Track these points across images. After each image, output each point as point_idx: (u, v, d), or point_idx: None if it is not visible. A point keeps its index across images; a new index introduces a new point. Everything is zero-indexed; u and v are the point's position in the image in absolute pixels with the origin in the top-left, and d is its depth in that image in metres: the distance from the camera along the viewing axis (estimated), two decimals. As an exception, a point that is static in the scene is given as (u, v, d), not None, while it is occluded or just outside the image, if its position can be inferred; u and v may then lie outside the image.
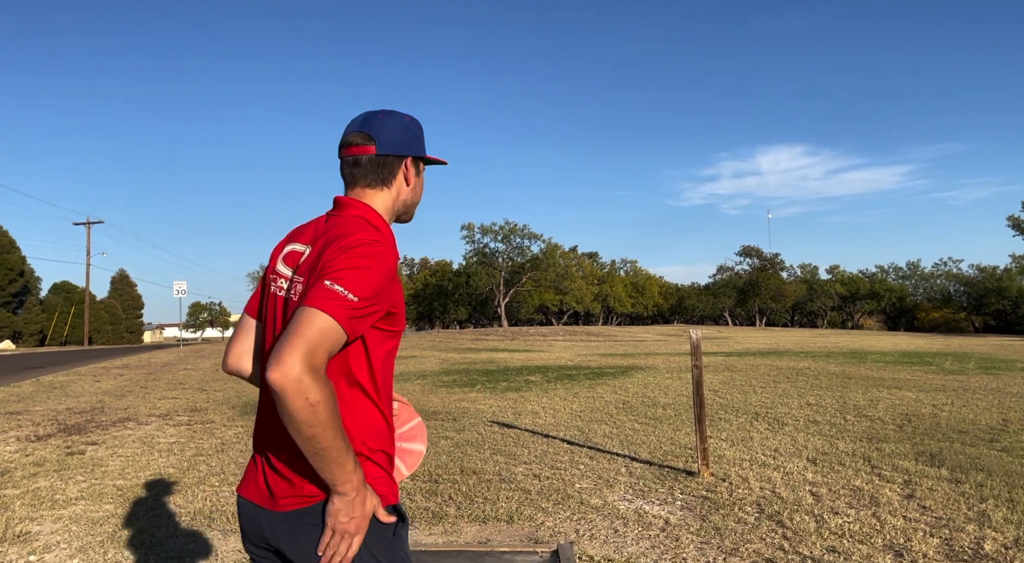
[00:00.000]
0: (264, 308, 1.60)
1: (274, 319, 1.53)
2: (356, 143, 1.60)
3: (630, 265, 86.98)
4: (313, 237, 1.53)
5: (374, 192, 1.62)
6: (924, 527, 4.27)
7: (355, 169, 1.60)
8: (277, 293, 1.53)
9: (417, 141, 1.65)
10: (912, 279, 78.49)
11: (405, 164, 1.63)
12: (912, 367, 15.27)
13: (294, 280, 1.49)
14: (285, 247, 1.58)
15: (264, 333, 1.58)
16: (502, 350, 24.89)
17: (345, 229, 1.47)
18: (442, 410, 9.61)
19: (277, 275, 1.55)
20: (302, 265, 1.48)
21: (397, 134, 1.61)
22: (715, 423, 8.02)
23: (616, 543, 4.11)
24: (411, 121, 1.65)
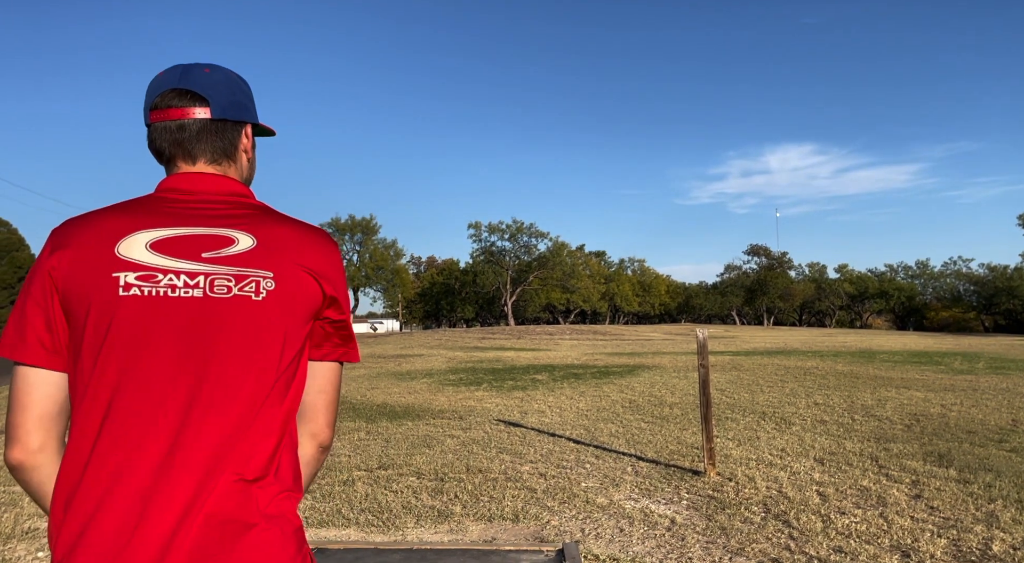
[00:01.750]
0: (120, 324, 1.10)
1: (174, 328, 1.11)
2: (181, 104, 1.22)
3: (637, 264, 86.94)
4: (231, 223, 1.18)
5: (223, 171, 1.28)
6: (932, 528, 4.24)
7: (185, 138, 1.23)
8: (166, 293, 1.11)
9: (251, 104, 1.34)
10: (921, 278, 78.15)
11: (245, 132, 1.31)
12: (921, 367, 15.19)
13: (222, 274, 1.13)
14: (136, 234, 1.14)
15: (144, 352, 1.10)
16: (509, 349, 24.91)
17: (303, 227, 1.24)
18: (448, 409, 9.62)
19: (148, 269, 1.12)
20: (241, 257, 1.15)
21: (231, 94, 1.27)
22: (722, 422, 8.00)
23: (622, 542, 4.11)
24: (239, 78, 1.32)
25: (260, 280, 1.14)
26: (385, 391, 11.87)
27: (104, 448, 1.06)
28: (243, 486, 1.09)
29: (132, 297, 1.11)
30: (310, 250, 1.20)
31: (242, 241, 1.16)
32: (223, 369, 1.11)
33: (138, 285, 1.11)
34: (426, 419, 8.66)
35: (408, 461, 6.19)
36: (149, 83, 1.26)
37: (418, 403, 10.25)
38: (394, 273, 70.95)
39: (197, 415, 1.08)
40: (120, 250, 1.13)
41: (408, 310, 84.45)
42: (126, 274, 1.12)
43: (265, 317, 1.14)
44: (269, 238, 1.18)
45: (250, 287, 1.14)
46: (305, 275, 1.18)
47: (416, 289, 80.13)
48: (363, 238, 70.22)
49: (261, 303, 1.14)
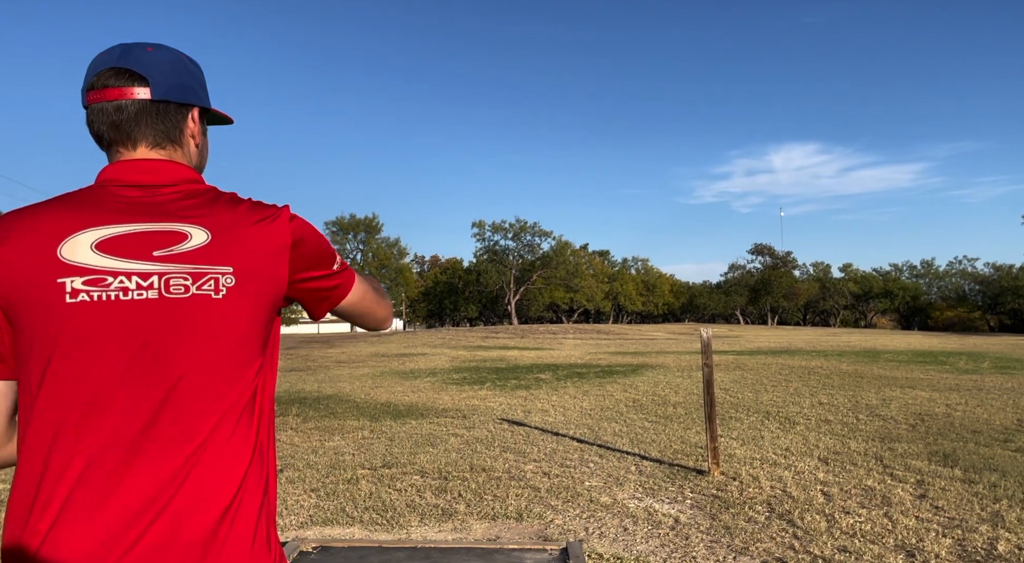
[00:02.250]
0: (65, 328, 1.03)
1: (129, 333, 1.04)
2: (118, 84, 1.13)
3: (641, 263, 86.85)
4: (181, 215, 1.10)
5: (168, 155, 1.18)
6: (937, 527, 4.24)
7: (123, 120, 1.14)
8: (118, 297, 1.03)
9: (202, 87, 1.25)
10: (926, 278, 77.97)
11: (192, 116, 1.21)
12: (926, 366, 15.15)
13: (178, 272, 1.06)
14: (79, 234, 1.05)
15: (97, 358, 1.03)
16: (512, 348, 24.92)
17: (254, 208, 1.16)
18: (452, 408, 9.63)
19: (96, 273, 1.03)
20: (196, 253, 1.07)
21: (175, 75, 1.18)
22: (726, 422, 8.00)
23: (626, 541, 4.11)
24: (189, 59, 1.23)
25: (219, 277, 1.07)
26: (389, 390, 11.88)
27: (58, 466, 1.00)
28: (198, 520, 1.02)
29: (81, 304, 1.02)
30: (265, 232, 1.12)
31: (195, 236, 1.08)
32: (187, 373, 1.04)
33: (86, 291, 1.03)
34: (430, 418, 8.67)
35: (412, 460, 6.20)
36: (89, 63, 1.17)
37: (422, 402, 10.26)
38: (398, 272, 71.02)
39: (163, 424, 1.03)
40: (63, 253, 1.04)
41: (412, 309, 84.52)
42: (72, 279, 1.03)
43: (227, 315, 1.07)
44: (222, 229, 1.10)
45: (209, 285, 1.06)
46: (267, 258, 1.11)
47: (419, 288, 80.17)
48: (366, 237, 70.34)
49: (222, 301, 1.06)
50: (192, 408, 1.04)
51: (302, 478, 5.59)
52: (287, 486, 5.37)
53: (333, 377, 14.43)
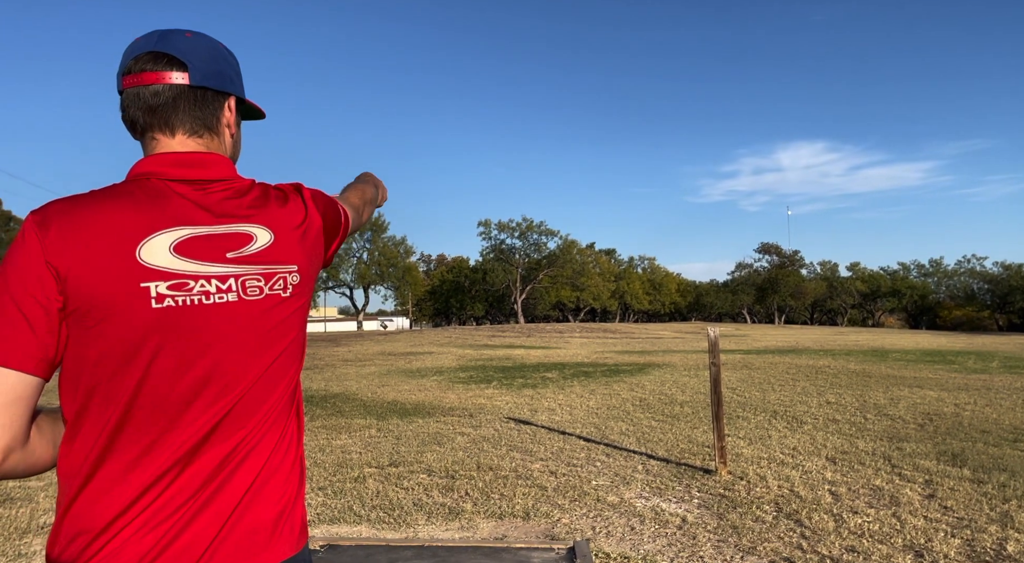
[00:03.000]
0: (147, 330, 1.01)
1: (215, 338, 1.05)
2: (156, 68, 1.10)
3: (648, 262, 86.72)
4: (244, 215, 1.11)
5: (205, 145, 1.16)
6: (945, 527, 4.22)
7: (160, 105, 1.11)
8: (200, 301, 1.04)
9: (238, 77, 1.23)
10: (935, 277, 77.56)
11: (229, 105, 1.19)
12: (934, 366, 15.07)
13: (252, 274, 1.08)
14: (156, 235, 1.03)
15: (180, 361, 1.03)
16: (519, 347, 24.92)
17: (289, 195, 1.22)
18: (459, 406, 9.64)
19: (178, 277, 1.03)
20: (264, 253, 1.10)
21: (213, 62, 1.16)
22: (733, 421, 7.98)
23: (633, 540, 4.10)
24: (226, 49, 1.21)
25: (287, 275, 1.12)
26: (395, 388, 11.90)
27: (125, 469, 1.01)
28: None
29: (167, 309, 1.01)
30: (307, 222, 1.20)
31: (260, 236, 1.10)
32: (263, 372, 1.09)
33: (171, 295, 1.02)
34: (436, 417, 8.68)
35: (419, 458, 6.21)
36: (125, 49, 1.14)
37: (428, 401, 10.28)
38: (404, 271, 71.10)
39: (231, 421, 1.07)
40: (143, 255, 1.01)
41: (418, 308, 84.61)
42: (156, 284, 1.01)
43: (293, 312, 1.14)
44: (280, 226, 1.14)
45: (279, 284, 1.11)
46: (312, 242, 1.20)
47: (426, 287, 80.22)
48: (372, 235, 70.38)
49: (289, 299, 1.12)
50: (261, 403, 1.09)
51: (309, 476, 5.61)
52: (295, 484, 5.38)
53: (340, 375, 14.46)
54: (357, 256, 70.61)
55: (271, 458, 1.10)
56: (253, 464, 1.07)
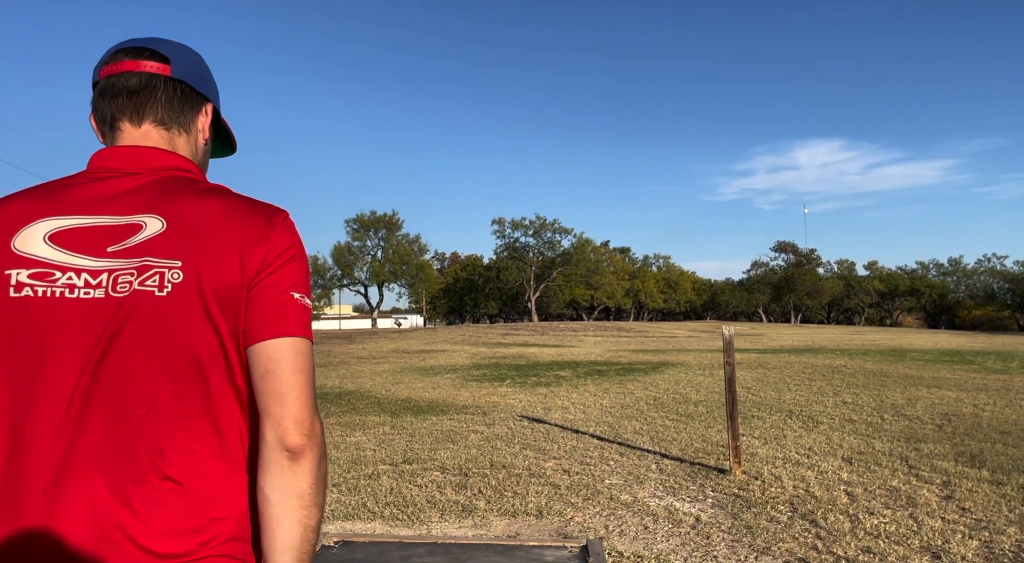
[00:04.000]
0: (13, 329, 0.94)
1: (71, 336, 0.94)
2: (136, 58, 1.06)
3: (662, 260, 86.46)
4: (145, 204, 0.99)
5: (170, 138, 1.08)
6: (963, 529, 4.17)
7: (135, 88, 1.05)
8: (63, 294, 0.95)
9: (216, 90, 1.18)
10: (954, 276, 76.70)
11: (206, 109, 1.13)
12: (953, 366, 14.90)
13: (126, 268, 0.95)
14: (36, 223, 0.97)
15: (33, 364, 0.93)
16: (532, 345, 24.92)
17: (235, 200, 1.03)
18: (472, 404, 9.65)
19: (44, 266, 0.95)
20: (145, 244, 0.97)
21: (196, 66, 1.12)
22: (748, 421, 7.93)
23: (646, 539, 4.09)
24: (206, 64, 1.17)
25: (165, 271, 0.95)
26: (409, 386, 11.94)
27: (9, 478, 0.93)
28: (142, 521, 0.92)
29: (24, 299, 0.93)
30: (238, 225, 0.98)
31: (149, 225, 0.97)
32: (125, 381, 0.93)
33: (31, 285, 0.94)
34: (450, 414, 8.70)
35: (432, 456, 6.23)
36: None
37: (442, 398, 10.30)
38: (418, 269, 71.32)
39: (93, 433, 0.92)
40: (16, 243, 0.96)
41: (432, 306, 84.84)
42: (19, 272, 0.94)
43: (170, 314, 0.94)
44: (183, 218, 0.98)
45: (153, 280, 0.94)
46: (226, 256, 0.96)
47: (440, 285, 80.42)
48: (386, 234, 70.68)
49: (165, 298, 0.94)
50: (127, 417, 0.93)
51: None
52: (309, 481, 5.42)
53: (354, 373, 14.54)
54: (371, 254, 70.94)
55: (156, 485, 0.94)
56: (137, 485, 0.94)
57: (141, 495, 0.92)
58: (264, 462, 0.96)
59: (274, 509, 0.95)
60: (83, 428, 0.92)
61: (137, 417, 0.93)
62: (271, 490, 0.95)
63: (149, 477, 0.93)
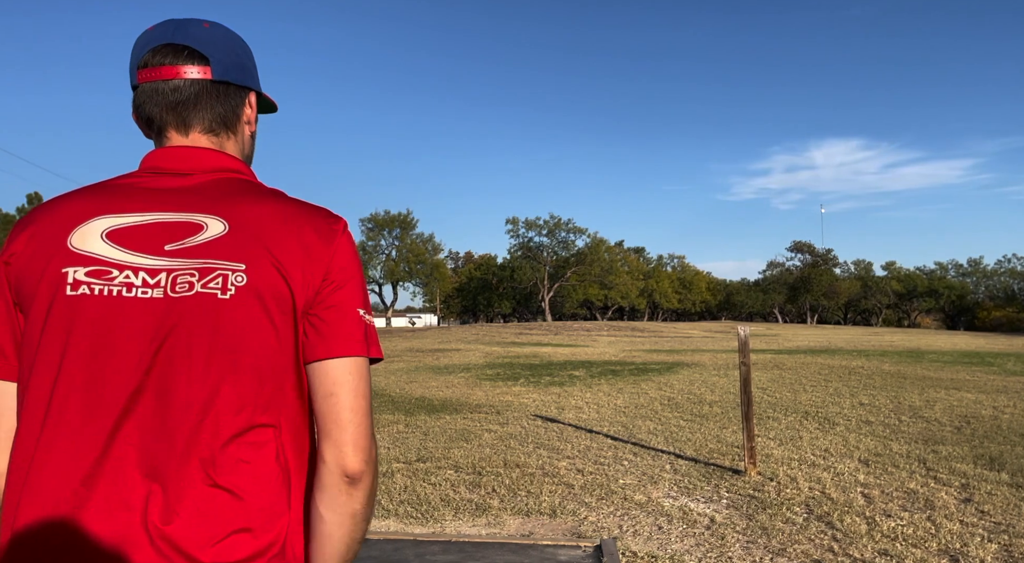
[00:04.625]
0: (64, 329, 0.93)
1: (129, 336, 0.92)
2: (176, 62, 1.03)
3: (677, 260, 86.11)
4: (203, 205, 0.98)
5: (219, 143, 1.08)
6: (982, 532, 4.12)
7: (180, 101, 1.03)
8: (120, 293, 0.93)
9: (255, 68, 1.15)
10: (973, 276, 75.82)
11: (249, 101, 1.12)
12: (972, 367, 14.72)
13: (186, 269, 0.94)
14: (93, 221, 0.96)
15: (92, 363, 0.92)
16: (546, 344, 24.90)
17: (294, 205, 1.02)
18: (486, 403, 9.67)
19: (102, 263, 0.94)
20: (208, 246, 0.95)
21: (234, 54, 1.08)
22: (763, 421, 7.88)
23: (660, 540, 4.08)
24: (242, 40, 1.13)
25: (228, 273, 0.93)
26: (423, 385, 11.98)
27: (38, 474, 0.91)
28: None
29: (81, 297, 0.92)
30: (298, 231, 0.98)
31: (210, 226, 0.96)
32: (181, 384, 0.91)
33: (88, 283, 0.93)
34: (464, 413, 8.72)
35: (446, 454, 6.24)
36: (136, 39, 1.05)
37: (456, 397, 10.33)
38: (433, 268, 71.50)
39: (141, 436, 0.91)
40: (73, 241, 0.95)
41: (446, 305, 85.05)
42: (76, 269, 0.93)
43: (233, 318, 0.93)
44: (244, 221, 0.97)
45: (216, 283, 0.93)
46: (289, 261, 0.96)
47: (454, 284, 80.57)
48: (401, 233, 70.91)
49: (228, 302, 0.92)
50: (186, 422, 0.91)
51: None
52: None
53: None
54: (386, 253, 71.21)
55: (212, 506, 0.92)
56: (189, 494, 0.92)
57: (188, 501, 0.90)
58: (321, 483, 0.96)
59: (327, 527, 0.96)
60: (132, 427, 0.91)
61: (190, 421, 0.91)
62: (326, 510, 0.96)
63: (197, 483, 0.90)
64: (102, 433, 0.90)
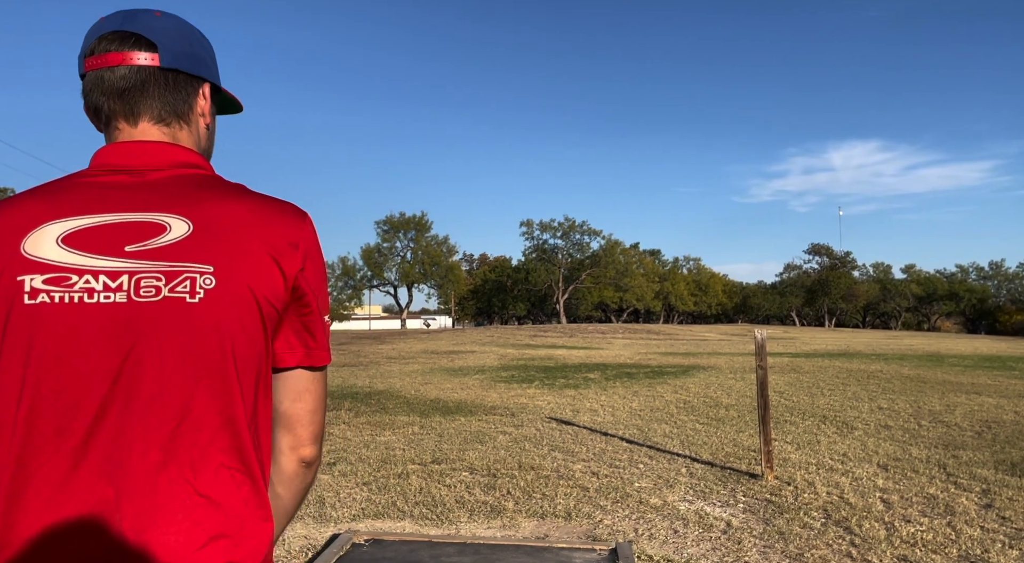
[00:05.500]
0: (27, 335, 0.89)
1: (93, 344, 0.89)
2: (122, 48, 0.99)
3: (693, 262, 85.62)
4: (164, 204, 0.95)
5: (172, 134, 1.03)
6: (1003, 538, 4.06)
7: (126, 89, 1.00)
8: (82, 299, 0.90)
9: (213, 62, 1.10)
10: (995, 280, 74.80)
11: (203, 92, 1.07)
12: (993, 372, 14.52)
13: (150, 271, 0.91)
14: (46, 226, 0.93)
15: (46, 370, 0.89)
16: (561, 347, 24.87)
17: (258, 200, 1.00)
18: (500, 406, 9.67)
19: (59, 270, 0.91)
20: (173, 247, 0.92)
21: (186, 43, 1.04)
22: (780, 425, 7.82)
23: (676, 543, 4.06)
24: (199, 31, 1.09)
25: (196, 276, 0.91)
26: (438, 386, 12.00)
27: (11, 491, 0.88)
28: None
29: (40, 306, 0.89)
30: (265, 228, 0.96)
31: (174, 227, 0.93)
32: (153, 391, 0.89)
33: (47, 290, 0.89)
34: (478, 415, 8.73)
35: (461, 456, 6.25)
36: (87, 30, 1.02)
37: (470, 399, 10.34)
38: (447, 270, 71.64)
39: (116, 446, 0.88)
40: (26, 247, 0.91)
41: (460, 307, 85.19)
42: (32, 277, 0.90)
43: (204, 323, 0.91)
44: (209, 220, 0.94)
45: (183, 286, 0.91)
46: (257, 261, 0.94)
47: (469, 286, 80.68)
48: (416, 235, 71.13)
49: (198, 305, 0.91)
50: (163, 430, 0.89)
51: (354, 472, 5.70)
52: (340, 479, 5.49)
53: (384, 373, 14.65)
54: (401, 255, 71.50)
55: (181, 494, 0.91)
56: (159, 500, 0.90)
57: (167, 509, 0.88)
58: (280, 469, 1.03)
59: (282, 502, 1.04)
60: (104, 437, 0.88)
61: (166, 429, 0.89)
62: (284, 489, 1.04)
63: (176, 491, 0.89)
64: (72, 443, 0.88)
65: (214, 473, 0.91)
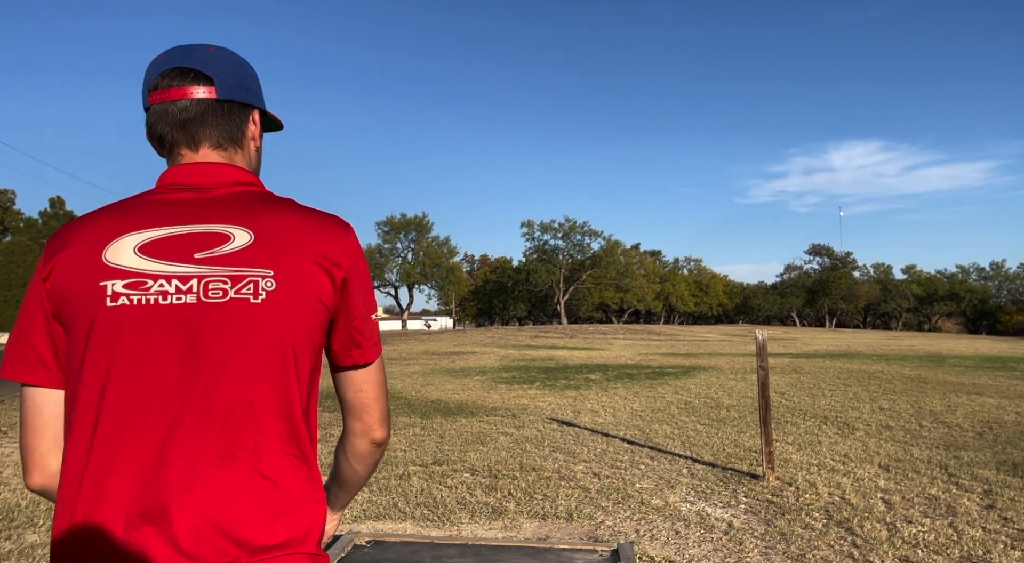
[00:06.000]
0: (112, 338, 1.00)
1: (169, 340, 1.00)
2: (183, 83, 1.11)
3: (694, 263, 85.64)
4: (227, 216, 1.06)
5: (228, 157, 1.16)
6: (1005, 539, 4.06)
7: (188, 120, 1.12)
8: (157, 301, 1.01)
9: (259, 89, 1.24)
10: (995, 280, 74.78)
11: (253, 118, 1.20)
12: (994, 372, 14.51)
13: (217, 275, 1.02)
14: (124, 237, 1.04)
15: (143, 365, 1.00)
16: (561, 348, 24.86)
17: (310, 214, 1.12)
18: (501, 406, 9.67)
19: (136, 275, 1.01)
20: (237, 255, 1.03)
21: (237, 75, 1.17)
22: (781, 426, 7.82)
23: (677, 544, 4.06)
24: (246, 62, 1.22)
25: (259, 280, 1.02)
26: (439, 387, 12.00)
27: (95, 473, 0.98)
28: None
29: (121, 308, 1.00)
30: (316, 238, 1.08)
31: (238, 237, 1.04)
32: (221, 383, 1.00)
33: (126, 294, 1.01)
34: (480, 416, 8.72)
35: (462, 457, 6.25)
36: (148, 65, 1.15)
37: (471, 400, 10.34)
38: (448, 271, 71.66)
39: (190, 431, 0.98)
40: (107, 256, 1.03)
41: (461, 308, 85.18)
42: (113, 282, 1.01)
43: (266, 321, 1.02)
44: (268, 231, 1.06)
45: (248, 288, 1.02)
46: (312, 267, 1.05)
47: (469, 287, 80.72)
48: (416, 236, 71.15)
49: (260, 306, 1.02)
50: (231, 418, 1.00)
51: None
52: (341, 480, 5.48)
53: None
54: (402, 256, 71.50)
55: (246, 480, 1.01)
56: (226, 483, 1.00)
57: (238, 491, 0.99)
58: (355, 450, 1.19)
59: (359, 475, 1.23)
60: (183, 427, 0.99)
61: (234, 418, 1.00)
62: (360, 465, 1.21)
63: (245, 475, 1.00)
64: (157, 434, 0.98)
65: (275, 458, 1.02)
